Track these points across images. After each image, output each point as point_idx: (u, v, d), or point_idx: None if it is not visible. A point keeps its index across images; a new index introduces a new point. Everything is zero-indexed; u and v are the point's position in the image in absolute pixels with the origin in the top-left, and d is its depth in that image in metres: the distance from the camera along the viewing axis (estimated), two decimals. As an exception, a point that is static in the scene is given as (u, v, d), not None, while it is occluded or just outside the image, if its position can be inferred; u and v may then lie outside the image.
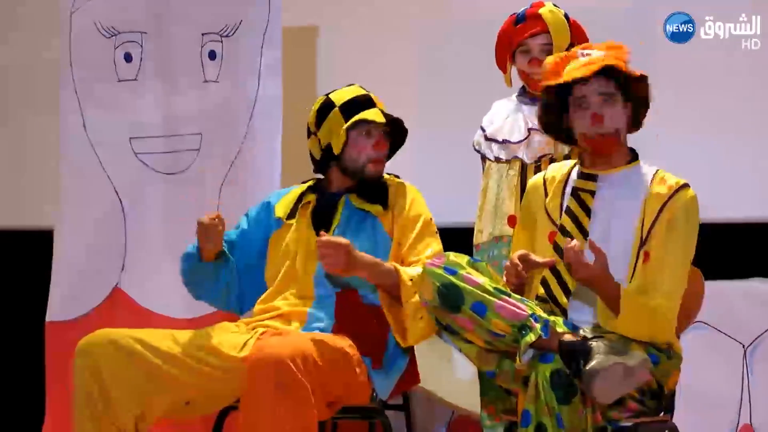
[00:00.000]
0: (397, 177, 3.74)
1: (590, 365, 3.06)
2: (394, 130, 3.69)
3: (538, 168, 4.01)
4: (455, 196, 4.53)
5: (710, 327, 4.56)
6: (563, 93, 3.40)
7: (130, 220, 4.56)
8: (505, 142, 4.13)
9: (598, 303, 3.26)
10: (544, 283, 3.36)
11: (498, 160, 4.13)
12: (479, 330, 3.18)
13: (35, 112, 5.52)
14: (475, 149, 4.22)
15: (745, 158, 4.80)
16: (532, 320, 3.14)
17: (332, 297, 3.55)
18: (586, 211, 3.38)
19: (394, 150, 3.73)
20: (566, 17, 4.12)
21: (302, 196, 3.71)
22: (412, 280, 3.43)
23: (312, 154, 3.73)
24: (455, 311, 3.18)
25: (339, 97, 3.67)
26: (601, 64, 3.31)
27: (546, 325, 3.14)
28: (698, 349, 4.30)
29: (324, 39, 5.32)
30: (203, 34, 4.52)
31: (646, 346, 3.24)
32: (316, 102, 3.72)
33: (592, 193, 3.39)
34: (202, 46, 4.52)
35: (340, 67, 5.19)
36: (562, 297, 3.33)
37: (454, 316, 3.19)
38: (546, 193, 3.46)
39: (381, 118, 3.61)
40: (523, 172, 4.07)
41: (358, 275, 3.46)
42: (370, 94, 3.70)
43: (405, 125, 3.68)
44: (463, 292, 3.17)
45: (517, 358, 3.14)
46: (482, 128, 4.22)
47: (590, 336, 3.16)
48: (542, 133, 3.88)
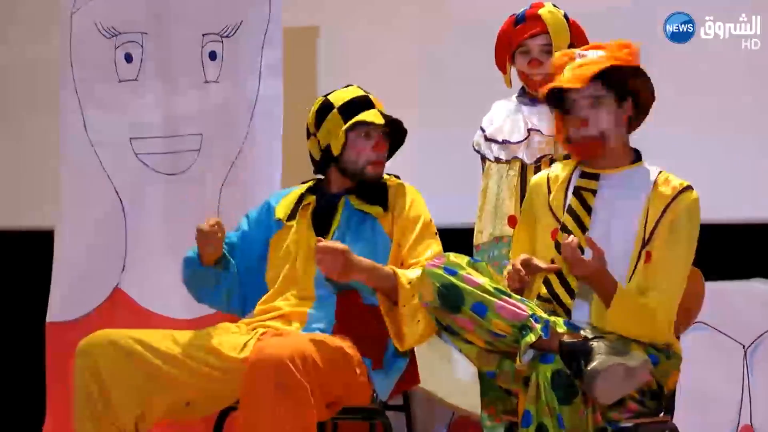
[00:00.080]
0: (397, 177, 3.74)
1: (591, 366, 3.06)
2: (394, 131, 3.68)
3: (538, 168, 4.00)
4: (455, 197, 4.53)
5: (711, 327, 4.56)
6: (561, 97, 3.41)
7: (130, 220, 4.56)
8: (505, 143, 4.12)
9: (593, 301, 3.27)
10: (547, 283, 3.35)
11: (498, 160, 4.13)
12: (479, 330, 3.17)
13: (35, 112, 5.52)
14: (475, 150, 4.22)
15: (745, 158, 4.80)
16: (533, 320, 3.14)
17: (332, 298, 3.55)
18: (587, 209, 3.38)
19: (393, 150, 3.73)
20: (566, 18, 4.11)
21: (302, 197, 3.71)
22: (410, 284, 3.43)
23: (311, 154, 3.72)
24: (455, 312, 3.18)
25: (338, 98, 3.67)
26: (591, 73, 3.29)
27: (546, 326, 3.14)
28: (699, 349, 4.31)
29: (324, 39, 5.32)
30: (204, 35, 4.52)
31: (646, 346, 3.24)
32: (315, 103, 3.72)
33: (594, 192, 3.39)
34: (203, 47, 4.52)
35: (340, 67, 5.19)
36: (565, 297, 3.33)
37: (454, 317, 3.19)
38: (549, 191, 3.46)
39: (380, 120, 3.60)
40: (523, 173, 4.06)
41: (357, 279, 3.46)
42: (369, 95, 3.69)
43: (404, 126, 3.67)
44: (464, 292, 3.17)
45: (518, 359, 3.13)
46: (482, 129, 4.21)
47: (591, 336, 3.16)
48: (542, 133, 3.88)
